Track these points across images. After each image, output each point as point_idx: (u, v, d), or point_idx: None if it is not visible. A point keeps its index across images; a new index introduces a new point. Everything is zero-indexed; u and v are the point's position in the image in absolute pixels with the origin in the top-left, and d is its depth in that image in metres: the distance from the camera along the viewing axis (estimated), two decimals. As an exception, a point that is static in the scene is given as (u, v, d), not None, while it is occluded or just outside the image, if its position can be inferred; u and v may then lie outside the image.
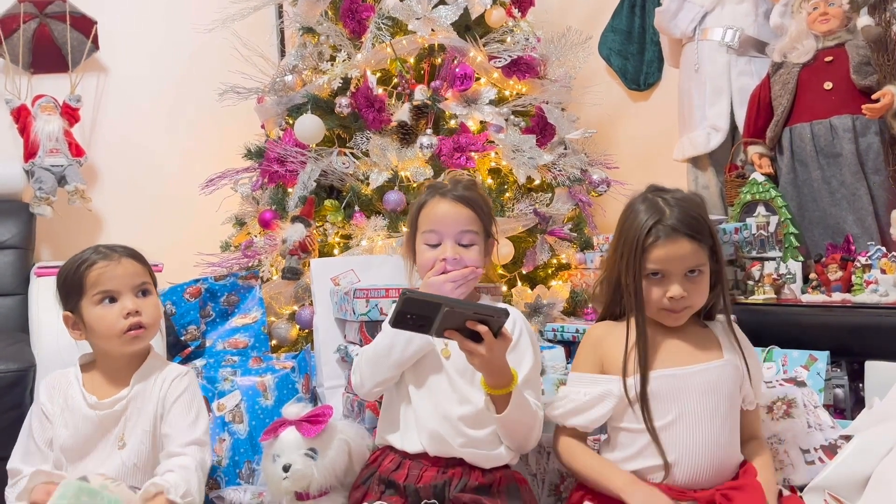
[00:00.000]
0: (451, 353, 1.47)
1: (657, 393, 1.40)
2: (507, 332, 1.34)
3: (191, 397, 1.54)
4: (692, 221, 1.40)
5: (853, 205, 2.39)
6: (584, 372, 1.48)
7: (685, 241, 1.38)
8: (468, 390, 1.46)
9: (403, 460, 1.47)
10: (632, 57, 3.53)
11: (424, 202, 1.56)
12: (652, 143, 3.35)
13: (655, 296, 1.40)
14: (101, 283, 1.49)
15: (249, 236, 2.64)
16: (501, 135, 2.52)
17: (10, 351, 2.13)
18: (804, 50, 2.51)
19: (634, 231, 1.41)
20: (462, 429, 1.44)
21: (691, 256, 1.39)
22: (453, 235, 1.51)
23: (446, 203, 1.52)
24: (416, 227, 1.57)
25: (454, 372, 1.47)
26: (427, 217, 1.54)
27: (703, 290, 1.43)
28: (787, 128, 2.54)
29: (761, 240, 2.46)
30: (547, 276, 2.62)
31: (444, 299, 1.30)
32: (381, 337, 1.51)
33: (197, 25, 2.84)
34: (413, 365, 1.49)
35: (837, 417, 1.71)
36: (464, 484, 1.41)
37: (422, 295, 1.31)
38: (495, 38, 2.67)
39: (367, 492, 1.46)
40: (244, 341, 2.24)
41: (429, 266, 1.51)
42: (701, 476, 1.38)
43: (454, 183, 1.57)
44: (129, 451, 1.47)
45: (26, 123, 3.01)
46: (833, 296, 2.16)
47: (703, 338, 1.47)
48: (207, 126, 3.27)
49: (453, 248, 1.50)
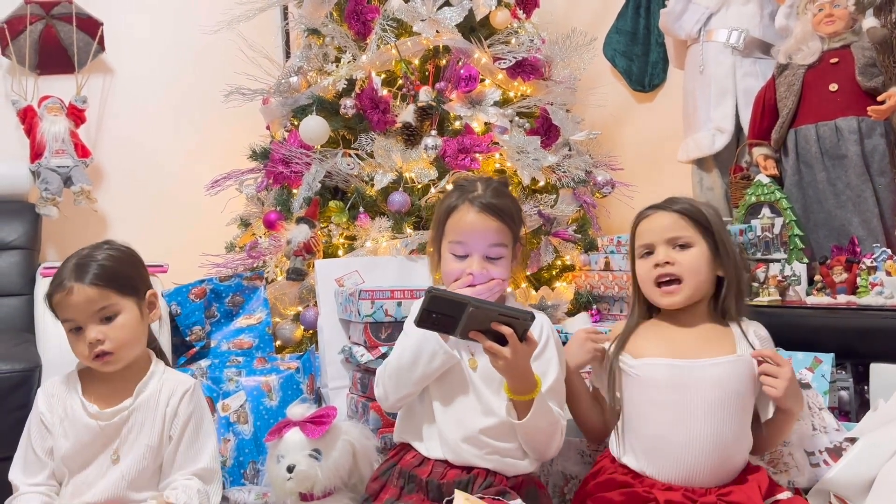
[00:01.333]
0: (479, 363, 1.44)
1: (657, 380, 1.40)
2: (532, 337, 1.33)
3: (197, 423, 1.50)
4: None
5: (858, 207, 2.38)
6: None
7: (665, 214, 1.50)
8: (494, 402, 1.42)
9: (426, 459, 1.45)
10: (636, 58, 3.53)
11: (454, 207, 1.49)
12: (657, 144, 3.35)
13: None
14: (63, 312, 1.44)
15: (254, 237, 2.65)
16: (506, 136, 2.52)
17: (15, 351, 2.14)
18: (809, 51, 2.51)
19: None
20: (485, 441, 1.41)
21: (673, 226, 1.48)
22: (482, 249, 1.46)
23: (475, 214, 1.46)
24: (442, 232, 1.51)
25: (481, 383, 1.44)
26: (455, 226, 1.48)
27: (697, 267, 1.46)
28: (793, 129, 2.53)
29: (766, 241, 2.45)
30: (551, 277, 2.62)
31: (470, 299, 1.29)
32: (403, 348, 1.45)
33: (202, 27, 2.86)
34: (438, 377, 1.45)
35: (842, 420, 1.71)
36: (488, 484, 1.39)
37: (447, 293, 1.30)
38: (500, 40, 2.67)
39: (386, 484, 1.44)
40: (249, 342, 2.24)
41: (454, 277, 1.47)
42: (698, 473, 1.37)
43: (485, 186, 1.50)
44: (130, 465, 1.45)
45: (32, 124, 3.02)
46: (838, 298, 2.15)
47: (718, 334, 1.46)
48: (213, 127, 3.28)
49: (480, 262, 1.46)
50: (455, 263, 1.48)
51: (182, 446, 1.48)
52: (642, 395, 1.43)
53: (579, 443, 1.65)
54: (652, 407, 1.41)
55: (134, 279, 1.50)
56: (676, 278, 1.44)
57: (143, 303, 1.50)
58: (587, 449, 1.64)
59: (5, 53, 3.11)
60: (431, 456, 1.44)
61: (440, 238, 1.52)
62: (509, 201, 1.52)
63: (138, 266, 1.54)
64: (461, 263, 1.47)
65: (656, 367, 1.42)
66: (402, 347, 1.46)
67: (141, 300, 1.50)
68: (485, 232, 1.46)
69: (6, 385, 1.88)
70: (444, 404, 1.45)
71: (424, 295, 1.27)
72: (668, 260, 1.44)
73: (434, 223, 1.55)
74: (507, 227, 1.48)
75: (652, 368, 1.42)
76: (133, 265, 1.52)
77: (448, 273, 1.49)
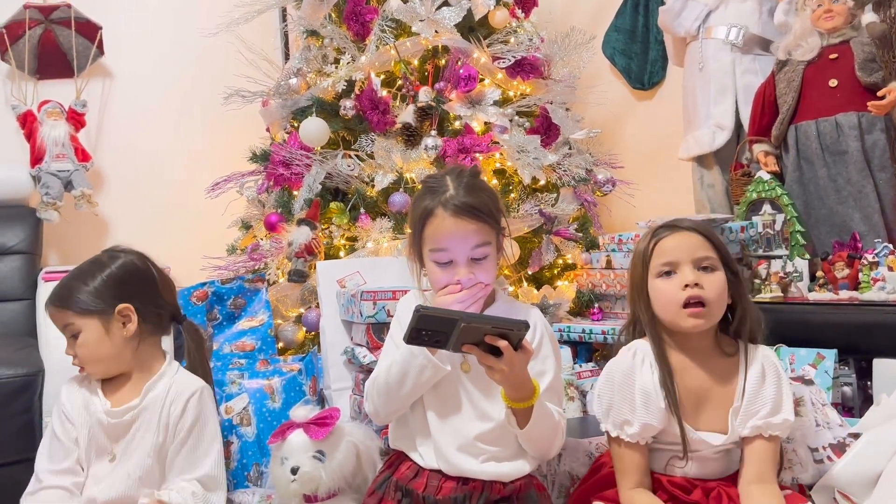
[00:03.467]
0: (472, 366, 1.41)
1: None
2: (527, 345, 1.29)
3: (201, 429, 1.52)
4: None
5: (859, 202, 2.38)
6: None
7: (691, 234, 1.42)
8: (488, 406, 1.40)
9: (421, 469, 1.42)
10: (636, 56, 3.53)
11: (429, 213, 1.40)
12: (657, 142, 3.34)
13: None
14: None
15: (255, 239, 2.65)
16: (506, 135, 2.52)
17: (18, 356, 2.14)
18: (809, 47, 2.51)
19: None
20: (481, 447, 1.39)
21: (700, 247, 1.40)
22: (465, 253, 1.39)
23: (451, 220, 1.38)
24: (421, 238, 1.43)
25: (473, 387, 1.42)
26: (433, 235, 1.40)
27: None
28: (793, 125, 2.53)
29: (767, 238, 2.45)
30: (553, 276, 2.62)
31: (461, 314, 1.25)
32: (391, 363, 1.40)
33: (201, 30, 2.86)
34: (431, 388, 1.42)
35: (846, 415, 1.70)
36: (485, 498, 1.37)
37: (437, 311, 1.26)
38: (499, 39, 2.67)
39: (383, 498, 1.42)
40: (251, 344, 2.24)
41: (441, 285, 1.41)
42: (711, 471, 1.40)
43: (456, 183, 1.42)
44: (136, 463, 1.47)
45: (32, 129, 3.02)
46: (840, 294, 2.15)
47: (721, 374, 1.41)
48: (213, 130, 3.28)
49: (466, 267, 1.39)
50: (440, 272, 1.41)
51: (184, 450, 1.49)
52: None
53: (587, 444, 1.65)
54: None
55: (98, 298, 1.51)
56: (701, 301, 1.37)
57: (110, 319, 1.51)
58: (595, 451, 1.64)
59: (4, 58, 3.11)
60: (427, 466, 1.41)
61: (420, 245, 1.44)
62: (485, 195, 1.43)
63: (115, 282, 1.54)
64: (447, 271, 1.40)
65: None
66: (389, 362, 1.41)
67: (108, 317, 1.51)
68: (465, 236, 1.38)
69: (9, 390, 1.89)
70: (436, 412, 1.42)
71: (412, 314, 1.23)
72: (698, 281, 1.37)
73: (411, 228, 1.47)
74: (488, 224, 1.40)
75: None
76: (108, 282, 1.53)
77: (435, 282, 1.43)
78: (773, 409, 1.38)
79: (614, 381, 1.41)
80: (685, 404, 1.38)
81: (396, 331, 1.46)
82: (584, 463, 1.63)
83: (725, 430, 1.38)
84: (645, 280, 1.42)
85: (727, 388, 1.40)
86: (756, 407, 1.37)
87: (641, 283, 1.43)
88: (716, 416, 1.39)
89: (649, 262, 1.42)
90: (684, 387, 1.39)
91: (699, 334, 1.41)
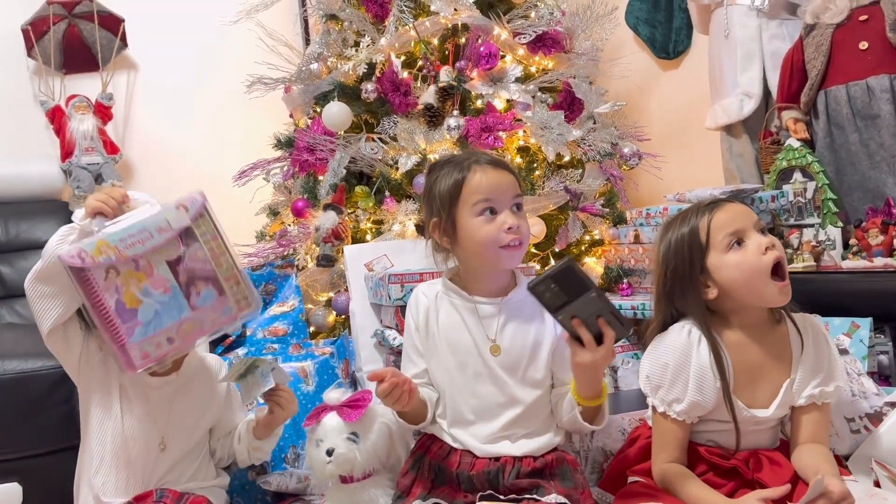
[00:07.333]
0: (501, 349, 1.43)
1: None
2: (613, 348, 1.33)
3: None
4: None
5: (893, 167, 2.33)
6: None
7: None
8: (517, 390, 1.43)
9: (453, 448, 1.44)
10: (660, 25, 3.47)
11: (463, 178, 1.42)
12: (684, 112, 3.29)
13: None
14: None
15: (283, 226, 2.67)
16: (529, 112, 2.50)
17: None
18: (837, 10, 2.45)
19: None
20: (511, 431, 1.42)
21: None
22: (509, 202, 1.42)
23: (492, 170, 1.42)
24: (456, 205, 1.42)
25: (502, 371, 1.43)
26: (475, 189, 1.40)
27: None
28: (822, 91, 2.48)
29: (799, 207, 2.41)
30: (580, 252, 2.60)
31: (594, 285, 1.28)
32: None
33: (222, 18, 2.86)
34: (458, 373, 1.45)
35: (882, 384, 1.68)
36: (517, 471, 1.38)
37: (580, 271, 1.29)
38: (519, 14, 2.64)
39: (417, 478, 1.44)
40: (283, 329, 2.27)
41: (491, 237, 1.39)
42: (756, 443, 1.41)
43: (477, 153, 1.53)
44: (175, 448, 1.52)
45: (61, 124, 3.07)
46: (874, 261, 2.11)
47: (779, 351, 1.39)
48: (237, 117, 3.30)
49: (514, 215, 1.41)
50: (487, 224, 1.40)
51: (228, 404, 1.63)
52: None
53: (620, 419, 1.66)
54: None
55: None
56: (781, 264, 1.32)
57: None
58: (628, 426, 1.64)
59: (31, 55, 3.15)
60: (457, 446, 1.44)
61: (453, 213, 1.43)
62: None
63: None
64: (493, 223, 1.40)
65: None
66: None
67: None
68: (508, 185, 1.43)
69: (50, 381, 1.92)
70: (466, 397, 1.44)
71: (561, 262, 1.27)
72: (774, 243, 1.32)
73: (438, 207, 1.45)
74: (518, 183, 1.46)
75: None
76: None
77: (484, 235, 1.40)
78: (827, 378, 1.37)
79: (667, 359, 1.38)
80: (740, 382, 1.36)
81: (411, 322, 1.52)
82: (617, 439, 1.63)
83: (778, 404, 1.37)
84: (700, 262, 1.36)
85: (781, 360, 1.38)
86: (811, 377, 1.37)
87: (692, 267, 1.36)
88: (770, 390, 1.37)
89: (709, 240, 1.35)
90: (740, 364, 1.37)
91: (760, 313, 1.38)
